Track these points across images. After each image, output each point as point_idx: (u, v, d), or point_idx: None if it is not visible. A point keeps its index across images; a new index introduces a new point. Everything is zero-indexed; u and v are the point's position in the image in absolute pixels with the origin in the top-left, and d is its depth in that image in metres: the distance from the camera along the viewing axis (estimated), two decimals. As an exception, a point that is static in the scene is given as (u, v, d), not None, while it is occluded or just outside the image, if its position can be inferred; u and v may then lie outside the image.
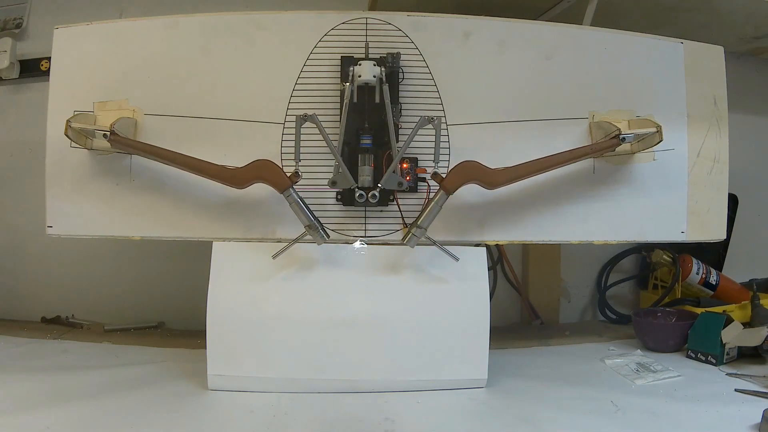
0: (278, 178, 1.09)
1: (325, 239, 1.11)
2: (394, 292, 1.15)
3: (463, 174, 1.09)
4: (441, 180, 1.09)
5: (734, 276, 1.73)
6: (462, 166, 1.10)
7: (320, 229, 1.11)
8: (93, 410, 0.99)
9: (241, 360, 1.11)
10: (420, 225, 1.10)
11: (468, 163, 1.10)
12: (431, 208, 1.09)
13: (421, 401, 1.07)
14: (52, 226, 1.19)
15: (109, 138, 1.10)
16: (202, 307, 1.10)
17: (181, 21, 1.20)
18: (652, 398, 1.08)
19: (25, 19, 1.71)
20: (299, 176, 1.09)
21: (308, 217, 1.10)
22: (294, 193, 1.09)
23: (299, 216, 1.10)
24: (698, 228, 1.26)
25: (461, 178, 1.09)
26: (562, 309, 1.83)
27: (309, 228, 1.10)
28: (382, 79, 1.12)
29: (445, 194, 1.09)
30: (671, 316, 1.50)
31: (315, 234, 1.10)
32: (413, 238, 1.10)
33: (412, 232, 1.10)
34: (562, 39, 1.23)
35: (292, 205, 1.09)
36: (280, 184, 1.08)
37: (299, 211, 1.10)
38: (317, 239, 1.11)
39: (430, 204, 1.09)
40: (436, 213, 1.10)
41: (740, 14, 1.57)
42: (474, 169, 1.10)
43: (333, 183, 1.13)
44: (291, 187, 1.09)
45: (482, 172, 1.10)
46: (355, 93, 1.13)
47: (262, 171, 1.09)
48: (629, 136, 1.16)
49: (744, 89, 1.69)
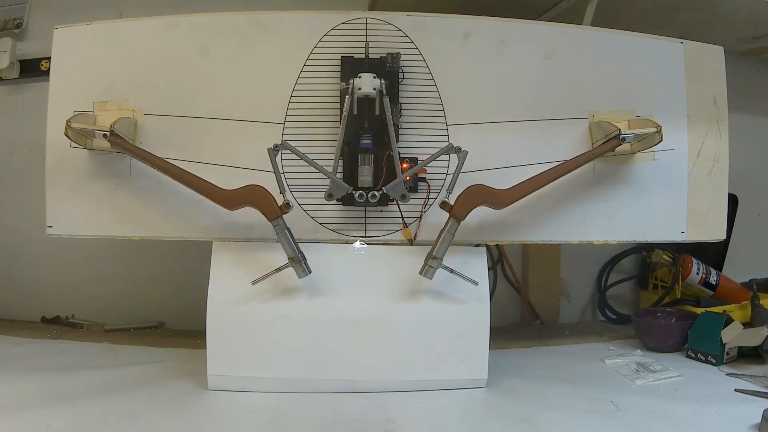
0: (269, 205, 1.08)
1: (306, 273, 1.09)
2: (394, 292, 1.15)
3: (471, 199, 1.09)
4: (450, 208, 1.09)
5: (734, 276, 1.73)
6: (469, 192, 1.09)
7: (303, 262, 1.09)
8: (93, 410, 0.99)
9: (241, 360, 1.11)
10: (435, 255, 1.09)
11: (475, 188, 1.10)
12: (444, 237, 1.09)
13: (421, 401, 1.07)
14: (52, 226, 1.19)
15: (109, 138, 1.10)
16: (202, 307, 1.10)
17: (181, 21, 1.20)
18: (652, 398, 1.08)
19: (25, 19, 1.71)
20: (290, 207, 1.08)
21: (293, 249, 1.08)
22: (283, 223, 1.08)
23: (285, 247, 1.08)
24: (698, 228, 1.26)
25: (470, 204, 1.09)
26: (562, 309, 1.83)
27: (292, 260, 1.09)
28: (382, 91, 1.12)
29: (456, 222, 1.09)
30: (671, 316, 1.50)
31: (297, 267, 1.09)
32: (430, 269, 1.09)
33: (428, 263, 1.09)
34: (562, 39, 1.23)
35: (280, 234, 1.08)
36: (270, 212, 1.08)
37: (285, 242, 1.08)
38: (299, 272, 1.09)
39: (443, 233, 1.09)
40: (449, 241, 1.09)
41: (740, 14, 1.57)
42: (481, 192, 1.10)
43: (329, 195, 1.13)
44: (280, 216, 1.08)
45: (490, 194, 1.10)
46: (354, 105, 1.12)
47: (253, 196, 1.08)
48: (629, 136, 1.16)
49: (744, 89, 1.69)
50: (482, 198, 1.10)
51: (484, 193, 1.10)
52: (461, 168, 1.11)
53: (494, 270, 1.78)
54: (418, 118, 1.20)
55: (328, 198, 1.13)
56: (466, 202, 1.09)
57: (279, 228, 1.08)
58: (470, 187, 1.10)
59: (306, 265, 1.09)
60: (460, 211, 1.08)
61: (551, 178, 1.13)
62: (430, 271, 1.09)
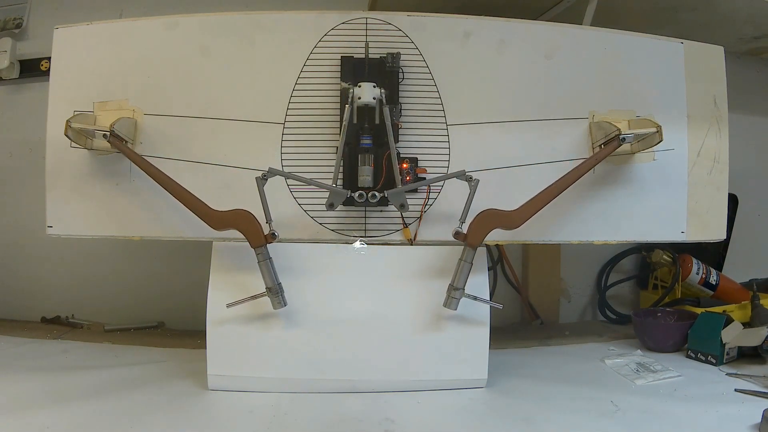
0: (255, 233, 1.07)
1: (282, 305, 1.09)
2: (394, 292, 1.15)
3: (484, 225, 1.08)
4: (464, 237, 1.08)
5: (734, 276, 1.73)
6: (481, 218, 1.09)
7: (280, 294, 1.08)
8: (93, 410, 0.99)
9: (241, 360, 1.10)
10: (456, 286, 1.08)
11: (486, 213, 1.09)
12: (462, 267, 1.08)
13: (421, 401, 1.07)
14: (52, 226, 1.19)
15: (108, 139, 1.10)
16: (202, 307, 1.10)
17: (181, 21, 1.20)
18: (652, 398, 1.08)
19: (25, 19, 1.71)
20: (275, 237, 1.07)
21: (273, 279, 1.08)
22: (266, 252, 1.07)
23: (264, 276, 1.07)
24: (698, 228, 1.26)
25: (483, 230, 1.08)
26: (562, 309, 1.83)
27: (270, 291, 1.08)
28: (382, 100, 1.12)
29: (471, 250, 1.08)
30: (671, 316, 1.50)
31: (274, 298, 1.08)
32: (453, 300, 1.09)
33: (451, 295, 1.09)
34: (562, 39, 1.23)
35: (262, 263, 1.07)
36: (255, 239, 1.07)
37: (266, 271, 1.07)
38: (274, 304, 1.08)
39: (461, 263, 1.08)
40: (468, 270, 1.08)
41: (740, 14, 1.57)
42: (493, 217, 1.09)
43: (330, 205, 1.12)
44: (264, 245, 1.07)
45: (502, 217, 1.10)
46: (354, 114, 1.12)
47: (240, 221, 1.07)
48: (629, 136, 1.15)
49: (744, 89, 1.69)
50: (495, 222, 1.09)
51: (496, 217, 1.09)
52: (473, 197, 1.10)
53: (494, 270, 1.78)
54: (418, 118, 1.20)
55: (329, 208, 1.12)
56: (480, 229, 1.08)
57: (261, 257, 1.07)
58: (481, 213, 1.09)
59: (282, 297, 1.08)
60: (475, 239, 1.08)
61: (559, 190, 1.12)
62: (454, 302, 1.09)
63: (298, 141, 1.18)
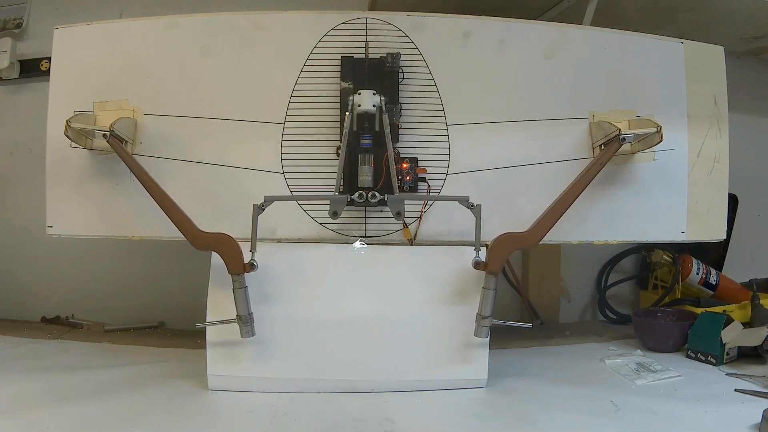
0: (235, 259, 1.06)
1: (250, 335, 1.08)
2: (394, 292, 1.15)
3: (501, 251, 1.08)
4: (485, 266, 1.08)
5: (734, 276, 1.73)
6: (497, 245, 1.09)
7: (250, 324, 1.07)
8: (93, 410, 0.99)
9: (241, 360, 1.10)
10: (484, 315, 1.08)
11: (503, 239, 1.09)
12: (486, 295, 1.08)
13: (421, 401, 1.07)
14: (52, 226, 1.19)
15: (108, 140, 1.10)
16: (202, 307, 1.10)
17: (181, 21, 1.20)
18: (652, 398, 1.08)
19: (25, 19, 1.71)
20: (254, 268, 1.07)
21: (245, 308, 1.07)
22: (242, 280, 1.06)
23: (237, 304, 1.06)
24: (698, 228, 1.26)
25: (502, 256, 1.08)
26: (562, 309, 1.83)
27: (240, 319, 1.07)
28: (381, 108, 1.12)
29: (493, 277, 1.08)
30: (671, 316, 1.50)
31: (243, 327, 1.07)
32: (483, 329, 1.09)
33: (480, 324, 1.08)
34: (562, 39, 1.23)
35: (236, 291, 1.06)
36: (234, 266, 1.06)
37: (240, 299, 1.06)
38: (243, 333, 1.07)
39: (484, 291, 1.09)
40: (493, 297, 1.08)
41: (740, 14, 1.57)
42: (509, 241, 1.09)
43: (334, 214, 1.13)
44: (242, 274, 1.06)
45: (518, 240, 1.10)
46: (354, 122, 1.12)
47: (221, 245, 1.06)
48: (629, 136, 1.15)
49: (744, 89, 1.69)
50: (512, 246, 1.10)
51: (512, 240, 1.09)
52: (480, 224, 1.10)
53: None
54: (418, 118, 1.20)
55: (334, 216, 1.13)
56: (498, 255, 1.08)
57: (237, 284, 1.06)
58: (497, 239, 1.09)
59: (252, 328, 1.08)
60: (495, 266, 1.08)
61: (569, 202, 1.12)
62: (484, 330, 1.09)
63: (298, 141, 1.18)
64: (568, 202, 1.12)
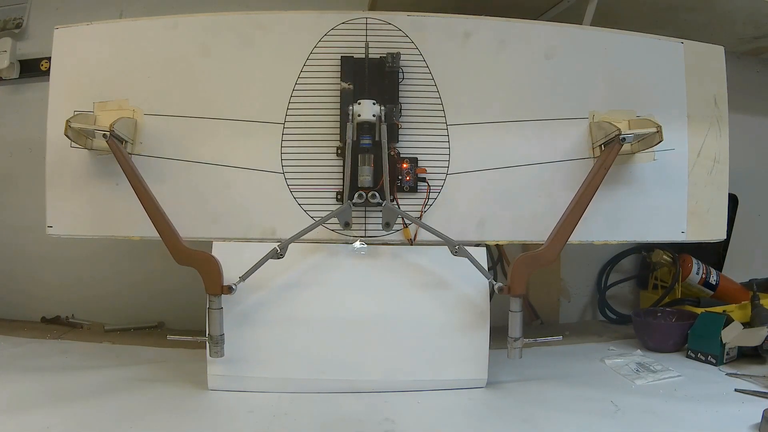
0: (214, 280, 1.06)
1: (219, 356, 1.08)
2: (394, 292, 1.15)
3: (521, 273, 1.10)
4: (509, 290, 1.10)
5: (734, 276, 1.73)
6: (516, 267, 1.10)
7: (220, 345, 1.07)
8: (93, 410, 0.99)
9: (241, 360, 1.10)
10: (515, 337, 1.09)
11: (521, 261, 1.10)
12: (513, 317, 1.09)
13: (421, 401, 1.07)
14: (52, 226, 1.19)
15: (108, 140, 1.10)
16: (202, 307, 1.10)
17: (181, 21, 1.20)
18: (652, 398, 1.08)
19: (25, 19, 1.71)
20: (232, 291, 1.06)
21: (218, 329, 1.07)
22: (219, 302, 1.06)
23: (212, 324, 1.06)
24: (698, 228, 1.26)
25: (523, 278, 1.10)
26: (562, 309, 1.83)
27: (211, 339, 1.07)
28: (381, 117, 1.12)
29: (518, 299, 1.10)
30: (671, 316, 1.50)
31: (213, 348, 1.07)
32: (515, 350, 1.10)
33: (512, 345, 1.09)
34: (562, 39, 1.23)
35: (212, 311, 1.06)
36: (212, 286, 1.06)
37: (214, 320, 1.06)
38: (212, 353, 1.07)
39: (511, 314, 1.10)
40: (520, 318, 1.10)
41: (740, 14, 1.57)
42: (527, 262, 1.10)
43: (345, 224, 1.14)
44: (220, 296, 1.06)
45: (535, 259, 1.11)
46: (355, 132, 1.13)
47: (203, 264, 1.06)
48: (629, 136, 1.15)
49: (744, 89, 1.69)
50: (532, 266, 1.10)
51: (530, 261, 1.11)
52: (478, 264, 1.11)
53: (494, 270, 1.77)
54: (418, 118, 1.19)
55: (346, 227, 1.15)
56: (520, 278, 1.10)
57: (214, 305, 1.06)
58: (516, 261, 1.11)
59: (221, 349, 1.08)
60: (518, 288, 1.09)
61: (580, 212, 1.12)
62: (516, 351, 1.10)
63: (298, 141, 1.18)
64: (579, 213, 1.12)
